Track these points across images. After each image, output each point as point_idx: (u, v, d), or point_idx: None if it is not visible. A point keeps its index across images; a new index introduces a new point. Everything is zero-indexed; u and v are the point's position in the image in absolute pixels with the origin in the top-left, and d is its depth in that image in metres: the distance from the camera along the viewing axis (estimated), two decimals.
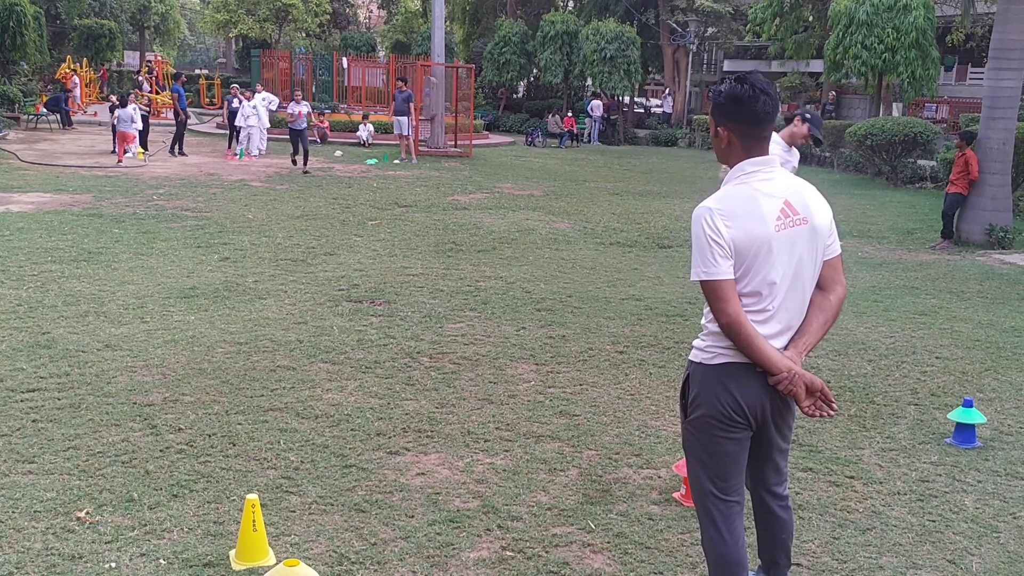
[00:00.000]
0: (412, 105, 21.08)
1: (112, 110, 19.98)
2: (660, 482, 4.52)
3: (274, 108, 22.42)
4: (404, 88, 21.65)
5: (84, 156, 19.16)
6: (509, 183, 17.98)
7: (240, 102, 20.62)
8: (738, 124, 2.89)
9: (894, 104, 28.87)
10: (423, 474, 4.49)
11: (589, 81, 34.12)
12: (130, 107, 18.48)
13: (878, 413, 5.66)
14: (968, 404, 5.22)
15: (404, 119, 21.08)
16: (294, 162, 18.35)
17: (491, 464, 4.64)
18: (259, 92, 22.16)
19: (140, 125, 18.81)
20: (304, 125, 18.44)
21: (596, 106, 32.15)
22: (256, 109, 20.54)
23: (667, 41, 36.57)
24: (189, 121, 22.34)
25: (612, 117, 33.33)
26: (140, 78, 31.72)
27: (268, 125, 21.24)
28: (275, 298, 7.86)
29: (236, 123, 20.65)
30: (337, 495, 4.21)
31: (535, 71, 36.29)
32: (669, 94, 37.30)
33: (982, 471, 4.83)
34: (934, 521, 4.23)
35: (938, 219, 13.40)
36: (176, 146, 20.20)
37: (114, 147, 18.93)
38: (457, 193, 15.97)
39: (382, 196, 14.87)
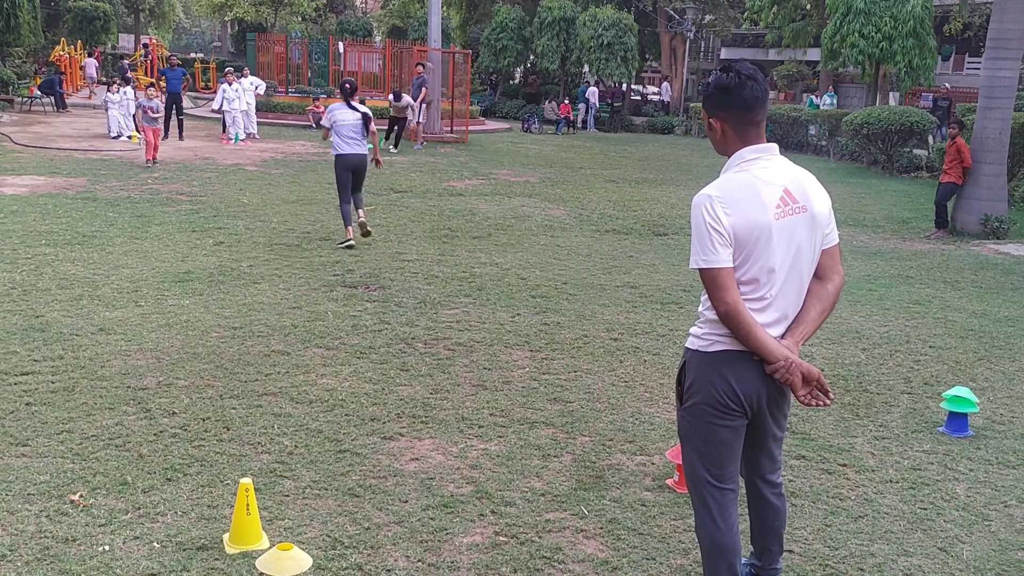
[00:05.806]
0: (424, 90, 21.04)
1: (119, 85, 20.07)
2: (653, 469, 4.53)
3: (262, 92, 22.25)
4: (419, 74, 21.61)
5: (79, 139, 19.07)
6: (505, 169, 17.94)
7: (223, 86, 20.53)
8: (729, 112, 2.89)
9: (891, 93, 28.85)
10: (417, 459, 4.49)
11: (586, 68, 34.03)
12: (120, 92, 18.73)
13: (871, 402, 5.68)
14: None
15: (416, 105, 21.10)
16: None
17: (485, 450, 4.65)
18: (245, 76, 22.04)
19: (133, 109, 18.93)
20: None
21: (592, 93, 32.05)
22: (239, 93, 20.41)
23: (664, 28, 36.51)
24: (185, 106, 22.24)
25: (616, 105, 33.26)
26: (126, 63, 31.62)
27: (246, 109, 21.02)
28: (270, 283, 7.85)
29: (218, 106, 20.55)
30: (331, 480, 4.21)
31: (532, 57, 36.18)
32: (666, 81, 37.23)
33: (974, 460, 4.85)
34: (925, 509, 4.25)
35: (933, 208, 13.41)
36: (166, 129, 20.16)
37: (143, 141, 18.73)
38: (453, 179, 15.93)
39: (377, 181, 14.82)
